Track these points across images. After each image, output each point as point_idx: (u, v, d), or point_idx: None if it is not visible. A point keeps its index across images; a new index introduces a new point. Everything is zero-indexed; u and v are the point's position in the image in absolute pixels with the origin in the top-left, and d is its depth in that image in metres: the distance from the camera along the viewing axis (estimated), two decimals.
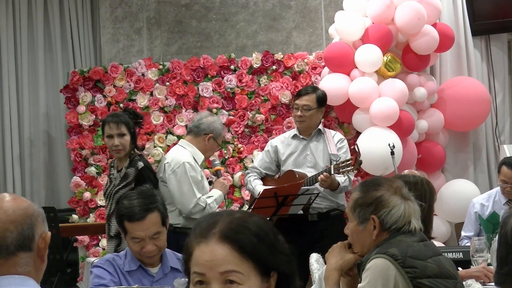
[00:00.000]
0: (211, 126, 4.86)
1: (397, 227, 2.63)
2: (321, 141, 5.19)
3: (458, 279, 2.65)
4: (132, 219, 3.08)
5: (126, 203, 3.13)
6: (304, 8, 6.80)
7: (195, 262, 1.62)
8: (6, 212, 1.98)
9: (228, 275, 1.59)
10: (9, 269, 1.96)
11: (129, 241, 3.13)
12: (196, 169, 4.74)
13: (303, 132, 5.23)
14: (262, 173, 5.28)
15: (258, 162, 5.33)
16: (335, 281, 2.73)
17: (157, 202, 3.16)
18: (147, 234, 3.08)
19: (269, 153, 5.28)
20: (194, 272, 1.61)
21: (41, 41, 6.82)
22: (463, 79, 6.54)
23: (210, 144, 4.85)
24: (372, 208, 2.66)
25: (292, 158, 5.19)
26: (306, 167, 5.13)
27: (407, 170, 5.00)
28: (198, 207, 4.67)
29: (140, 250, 3.10)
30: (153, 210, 3.10)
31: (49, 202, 6.72)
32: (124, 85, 6.41)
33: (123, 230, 3.17)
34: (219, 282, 1.59)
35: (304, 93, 5.18)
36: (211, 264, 1.60)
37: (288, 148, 5.23)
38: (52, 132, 6.91)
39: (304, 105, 5.11)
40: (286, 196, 4.73)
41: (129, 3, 6.84)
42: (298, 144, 5.22)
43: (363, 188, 2.73)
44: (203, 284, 1.60)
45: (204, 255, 1.61)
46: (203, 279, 1.60)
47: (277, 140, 5.34)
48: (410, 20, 5.91)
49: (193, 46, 6.84)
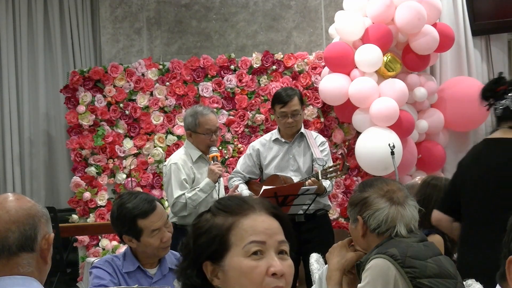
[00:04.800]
0: (185, 123, 4.90)
1: (380, 230, 2.63)
2: (302, 144, 5.11)
3: (458, 279, 2.65)
4: (147, 213, 3.11)
5: (131, 205, 3.13)
6: (304, 8, 6.80)
7: (252, 231, 1.59)
8: (9, 212, 1.97)
9: (283, 244, 1.61)
10: (11, 270, 1.96)
11: (148, 238, 3.12)
12: (181, 169, 4.77)
13: (287, 136, 5.12)
14: (246, 177, 5.20)
15: (241, 166, 5.22)
16: (337, 281, 2.73)
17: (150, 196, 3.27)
18: (163, 222, 3.13)
19: (252, 157, 5.19)
20: (251, 241, 1.58)
21: (41, 41, 6.82)
22: (463, 79, 6.53)
23: (194, 139, 4.84)
24: (358, 208, 2.69)
25: (275, 162, 5.11)
26: (290, 170, 5.07)
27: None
28: (177, 206, 4.73)
29: (160, 242, 3.13)
30: (156, 200, 3.18)
31: (49, 202, 6.72)
32: (124, 85, 6.41)
33: (137, 232, 3.12)
34: (275, 252, 1.60)
35: (288, 99, 4.99)
36: (271, 232, 1.60)
37: (270, 151, 5.15)
38: (52, 132, 6.91)
39: (294, 110, 4.99)
40: (286, 196, 4.73)
41: (129, 3, 6.84)
42: (280, 148, 5.12)
43: (357, 188, 2.77)
44: (259, 254, 1.58)
45: (262, 223, 1.60)
46: (262, 248, 1.58)
47: (258, 143, 5.24)
48: (410, 20, 5.90)
49: (193, 46, 6.84)
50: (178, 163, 4.78)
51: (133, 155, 6.36)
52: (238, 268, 1.58)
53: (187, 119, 4.86)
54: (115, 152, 6.33)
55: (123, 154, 6.35)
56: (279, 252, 1.60)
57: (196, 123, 4.80)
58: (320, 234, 5.01)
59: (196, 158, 4.84)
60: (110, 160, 6.35)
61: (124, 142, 6.37)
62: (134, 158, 6.33)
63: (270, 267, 1.57)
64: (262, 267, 1.57)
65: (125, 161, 6.35)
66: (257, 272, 1.57)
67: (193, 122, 4.81)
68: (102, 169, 6.35)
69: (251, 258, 1.58)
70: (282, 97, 5.02)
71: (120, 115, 6.39)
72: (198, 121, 4.80)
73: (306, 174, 5.04)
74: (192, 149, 4.85)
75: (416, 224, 2.70)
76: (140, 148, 6.37)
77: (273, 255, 1.58)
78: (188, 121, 4.84)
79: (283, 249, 1.61)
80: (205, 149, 4.86)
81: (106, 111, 6.36)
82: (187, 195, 4.73)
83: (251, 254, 1.58)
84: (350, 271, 2.77)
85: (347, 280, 2.78)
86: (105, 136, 6.34)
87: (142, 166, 6.36)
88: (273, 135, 5.19)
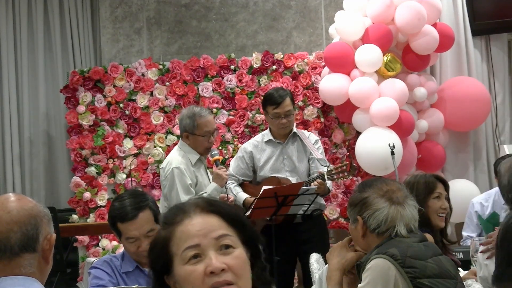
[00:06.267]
0: (181, 125, 4.79)
1: (380, 231, 2.63)
2: (296, 144, 5.07)
3: (458, 279, 2.65)
4: (124, 219, 3.06)
5: (117, 205, 3.11)
6: (304, 8, 6.80)
7: (185, 237, 1.60)
8: (10, 212, 1.97)
9: (222, 239, 1.60)
10: (13, 270, 1.95)
11: (125, 242, 3.10)
12: (185, 173, 4.69)
13: (280, 136, 5.09)
14: (240, 179, 5.15)
15: (234, 169, 5.16)
16: (337, 281, 2.73)
17: (147, 200, 3.14)
18: (141, 233, 3.05)
19: (244, 159, 5.13)
20: (186, 248, 1.59)
21: (41, 41, 6.82)
22: (463, 79, 6.54)
23: (192, 141, 4.76)
24: (358, 208, 2.69)
25: (270, 163, 5.06)
26: (285, 171, 5.03)
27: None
28: None
29: (137, 250, 3.07)
30: (145, 208, 3.08)
31: (49, 202, 6.71)
32: (124, 85, 6.41)
33: (117, 233, 3.13)
34: (215, 249, 1.59)
35: (280, 100, 4.94)
36: (204, 232, 1.60)
37: (264, 153, 5.10)
38: (52, 132, 6.91)
39: (287, 111, 4.95)
40: (286, 196, 4.72)
41: (129, 3, 6.84)
42: (273, 149, 5.08)
43: (357, 188, 2.78)
44: (197, 257, 1.59)
45: (193, 227, 1.60)
46: (198, 250, 1.58)
47: (250, 145, 5.17)
48: (410, 20, 5.90)
49: (193, 46, 6.83)
50: (181, 167, 4.69)
51: (133, 155, 6.36)
52: (182, 276, 1.59)
53: (185, 120, 4.76)
54: (115, 152, 6.33)
55: (123, 154, 6.35)
56: (220, 248, 1.60)
57: (194, 125, 4.73)
58: (317, 234, 5.02)
59: (195, 161, 4.78)
60: (110, 160, 6.35)
61: (124, 142, 6.37)
62: (134, 158, 6.33)
63: (207, 267, 1.57)
64: (199, 269, 1.57)
65: (125, 161, 6.35)
66: (195, 276, 1.57)
67: (191, 124, 4.73)
68: (102, 169, 6.35)
69: (190, 264, 1.59)
70: (275, 98, 4.97)
71: (120, 115, 6.39)
72: (196, 123, 4.73)
73: (303, 174, 5.03)
74: (189, 152, 4.78)
75: (416, 224, 2.70)
76: (140, 148, 6.37)
77: (211, 254, 1.58)
78: (186, 123, 4.75)
79: (224, 243, 1.60)
80: (202, 151, 4.81)
81: (106, 111, 6.35)
82: None
83: (190, 259, 1.59)
84: (350, 271, 2.77)
85: (347, 280, 2.78)
86: (105, 136, 6.33)
87: (142, 166, 6.36)
88: (265, 136, 5.14)
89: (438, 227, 3.64)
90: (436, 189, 3.65)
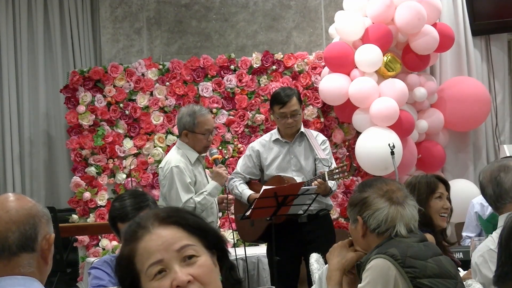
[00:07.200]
0: (181, 122, 4.76)
1: (380, 230, 2.64)
2: (303, 143, 5.06)
3: (458, 279, 2.65)
4: (125, 219, 3.06)
5: (118, 205, 3.11)
6: (304, 8, 6.80)
7: (147, 254, 1.58)
8: (9, 212, 1.97)
9: (184, 250, 1.58)
10: (12, 270, 1.95)
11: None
12: (185, 172, 4.67)
13: (287, 136, 5.08)
14: (246, 178, 5.15)
15: (241, 167, 5.16)
16: (337, 281, 2.73)
17: (148, 200, 3.15)
18: None
19: (251, 158, 5.12)
20: (150, 265, 1.57)
21: (41, 41, 6.82)
22: (463, 79, 6.54)
23: (191, 139, 4.74)
24: (358, 208, 2.69)
25: (276, 162, 5.05)
26: (291, 171, 5.02)
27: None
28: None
29: None
30: (145, 208, 3.07)
31: (49, 202, 6.71)
32: (124, 85, 6.41)
33: (117, 233, 3.12)
34: (178, 261, 1.57)
35: (287, 99, 4.93)
36: (165, 246, 1.58)
37: (271, 152, 5.09)
38: (52, 132, 6.91)
39: (293, 110, 4.94)
40: (286, 196, 4.72)
41: (129, 3, 6.84)
42: (281, 148, 5.07)
43: (357, 188, 2.77)
44: (163, 272, 1.57)
45: (154, 242, 1.58)
46: (162, 265, 1.57)
47: (257, 144, 5.17)
48: (410, 20, 5.91)
49: (193, 46, 6.84)
50: (180, 166, 4.68)
51: (133, 155, 6.36)
52: None
53: (184, 118, 4.74)
54: (115, 152, 6.33)
55: (123, 154, 6.35)
56: (184, 259, 1.58)
57: (194, 123, 4.71)
58: (323, 235, 4.98)
59: (194, 160, 4.77)
60: (110, 160, 6.35)
61: (124, 142, 6.37)
62: (134, 158, 6.33)
63: (173, 281, 1.55)
64: (165, 285, 1.56)
65: (125, 161, 6.35)
66: None
67: (191, 122, 4.71)
68: (102, 169, 6.35)
69: (156, 279, 1.57)
70: (281, 98, 4.97)
71: (120, 115, 6.39)
72: (196, 121, 4.72)
73: (309, 174, 5.03)
74: (188, 150, 4.76)
75: (416, 224, 2.70)
76: (140, 148, 6.37)
77: (175, 267, 1.56)
78: (186, 121, 4.73)
79: (187, 254, 1.58)
80: (201, 149, 4.80)
81: (106, 111, 6.36)
82: (196, 200, 4.65)
83: (155, 275, 1.57)
84: (351, 271, 2.77)
85: (347, 280, 2.78)
86: (105, 136, 6.33)
87: (142, 166, 6.36)
88: (273, 135, 5.14)
89: (440, 227, 3.64)
90: (438, 189, 3.65)
